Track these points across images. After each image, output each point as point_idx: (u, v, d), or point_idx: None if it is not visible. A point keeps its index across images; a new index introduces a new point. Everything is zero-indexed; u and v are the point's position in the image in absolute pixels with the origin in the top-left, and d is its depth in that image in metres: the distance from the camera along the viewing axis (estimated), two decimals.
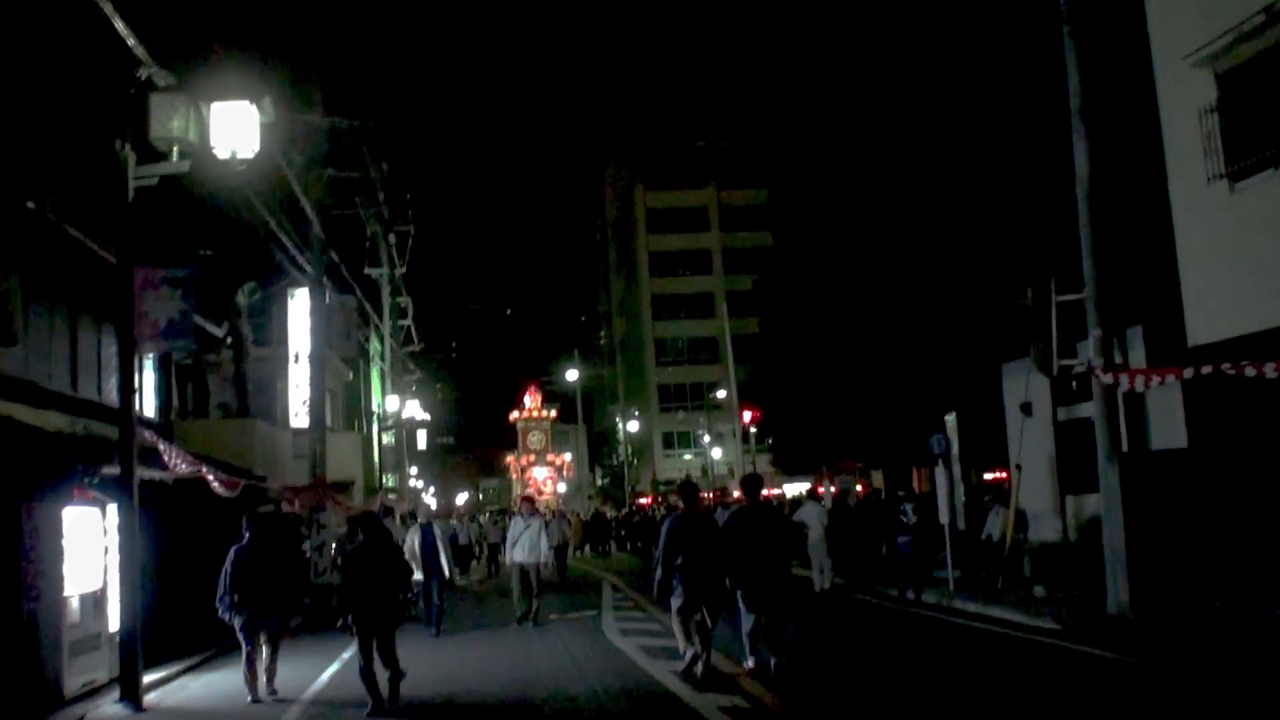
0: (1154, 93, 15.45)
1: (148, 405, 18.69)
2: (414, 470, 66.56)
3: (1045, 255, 18.30)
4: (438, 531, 17.72)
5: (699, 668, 11.35)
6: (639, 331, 78.42)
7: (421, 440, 67.77)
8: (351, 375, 42.58)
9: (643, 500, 61.52)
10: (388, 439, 41.61)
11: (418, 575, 16.65)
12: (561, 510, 50.26)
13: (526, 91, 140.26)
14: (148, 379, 18.57)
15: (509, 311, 71.31)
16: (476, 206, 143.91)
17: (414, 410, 44.51)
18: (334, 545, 22.22)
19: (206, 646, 15.68)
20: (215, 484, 14.58)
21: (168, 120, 11.82)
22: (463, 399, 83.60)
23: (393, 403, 39.77)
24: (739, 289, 59.36)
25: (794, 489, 53.78)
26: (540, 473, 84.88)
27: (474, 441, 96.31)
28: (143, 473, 13.30)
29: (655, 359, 77.39)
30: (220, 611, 12.13)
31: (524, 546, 17.68)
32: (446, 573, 17.76)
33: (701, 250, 77.59)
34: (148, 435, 12.87)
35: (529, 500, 19.94)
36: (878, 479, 36.25)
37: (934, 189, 26.00)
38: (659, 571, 11.60)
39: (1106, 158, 15.24)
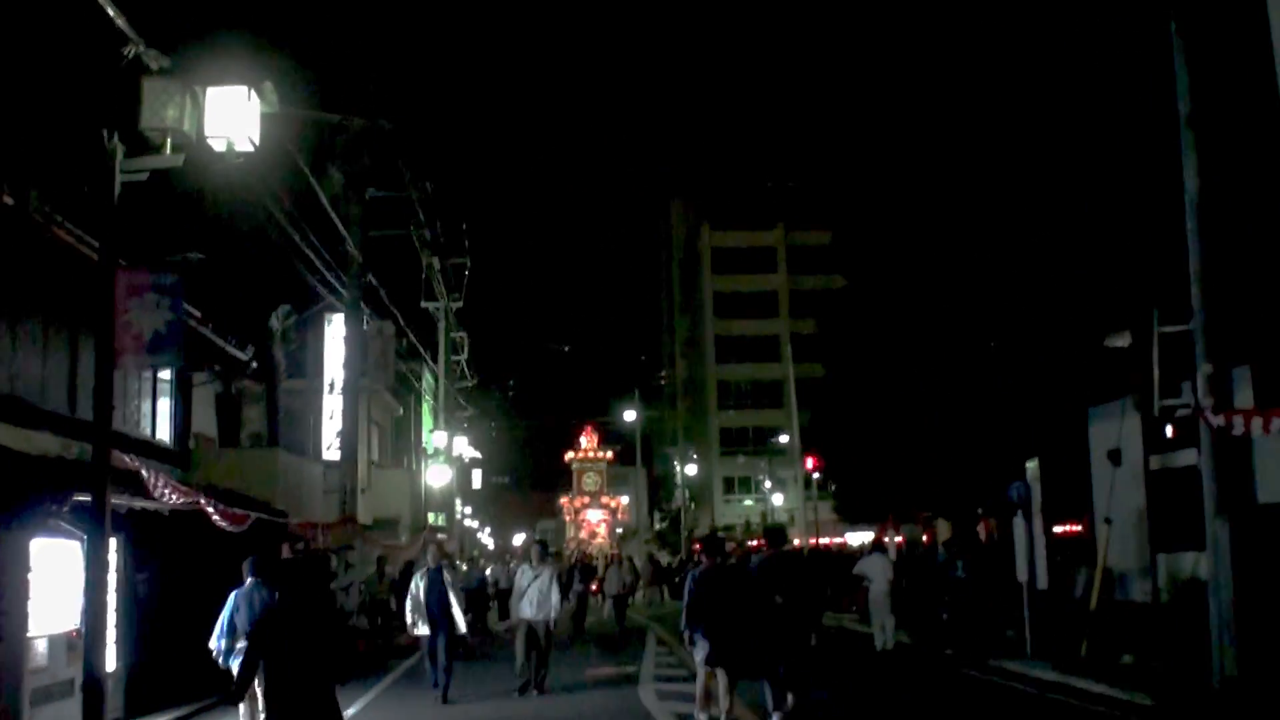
0: (1274, 97, 13.78)
1: (162, 431, 17.51)
2: (468, 510, 65.67)
3: (1141, 287, 16.62)
4: (448, 578, 15.23)
5: None
6: (702, 373, 77.04)
7: (476, 480, 66.88)
8: (401, 411, 41.58)
9: (695, 546, 59.76)
10: (435, 477, 40.30)
11: (423, 630, 15.04)
12: (618, 554, 48.70)
13: (594, 127, 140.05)
14: (162, 404, 17.39)
15: (567, 349, 70.03)
16: (539, 243, 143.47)
17: (463, 447, 43.11)
18: (362, 586, 21.01)
19: (207, 693, 14.35)
20: (216, 517, 13.28)
21: (161, 108, 10.59)
22: (520, 439, 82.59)
23: (440, 438, 38.50)
24: (805, 332, 58.19)
25: (857, 538, 51.96)
26: (594, 515, 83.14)
27: (532, 482, 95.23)
28: (129, 502, 12.08)
29: (718, 402, 75.92)
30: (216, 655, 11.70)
31: (531, 600, 14.86)
32: (460, 626, 15.23)
33: (768, 292, 76.13)
34: (129, 459, 11.56)
35: (541, 545, 16.18)
36: (944, 529, 34.46)
37: (1013, 218, 24.31)
38: (684, 624, 11.63)
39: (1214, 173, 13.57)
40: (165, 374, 17.60)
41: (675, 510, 69.64)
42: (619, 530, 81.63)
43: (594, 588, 31.74)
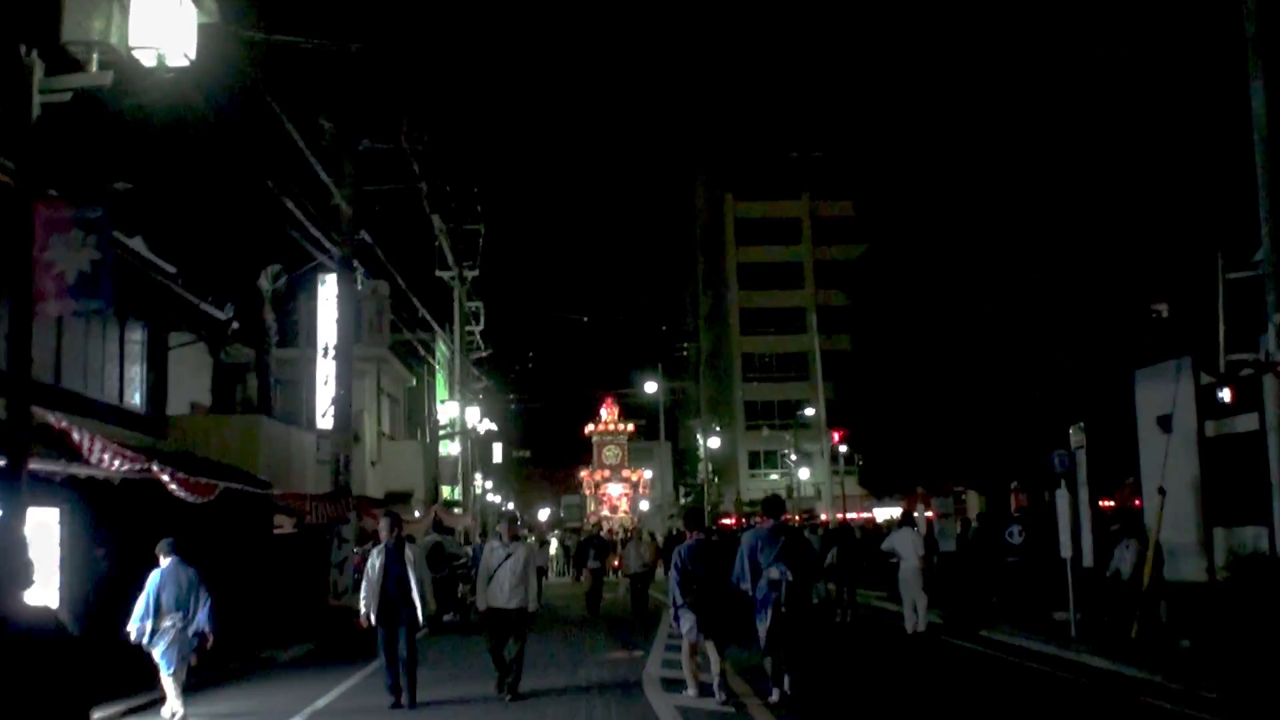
0: None
1: (134, 397, 16.23)
2: (489, 484, 64.58)
3: (1197, 234, 15.11)
4: (410, 556, 11.99)
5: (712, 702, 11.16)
6: (726, 346, 75.65)
7: (497, 453, 65.73)
8: (414, 382, 40.37)
9: (726, 520, 58.36)
10: (446, 449, 39.07)
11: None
12: (637, 528, 47.36)
13: (617, 97, 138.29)
14: (132, 367, 16.10)
15: (586, 319, 68.66)
16: (560, 214, 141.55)
17: (476, 419, 41.86)
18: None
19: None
20: (173, 486, 12.01)
21: (85, 19, 9.27)
22: (542, 412, 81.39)
23: (451, 409, 37.24)
24: (831, 304, 57.05)
25: (884, 513, 50.61)
26: (615, 489, 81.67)
27: (555, 455, 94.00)
28: (64, 468, 10.78)
29: (742, 374, 74.59)
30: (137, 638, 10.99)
31: (502, 584, 11.93)
32: (420, 614, 12.00)
33: (793, 263, 74.78)
34: (54, 418, 10.25)
35: (511, 522, 12.98)
36: (974, 502, 33.08)
37: (1049, 166, 22.74)
38: (678, 598, 11.55)
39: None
40: (136, 335, 16.34)
41: (700, 485, 68.37)
42: (643, 505, 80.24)
43: (616, 564, 30.24)
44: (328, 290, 21.40)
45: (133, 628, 11.00)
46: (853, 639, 18.24)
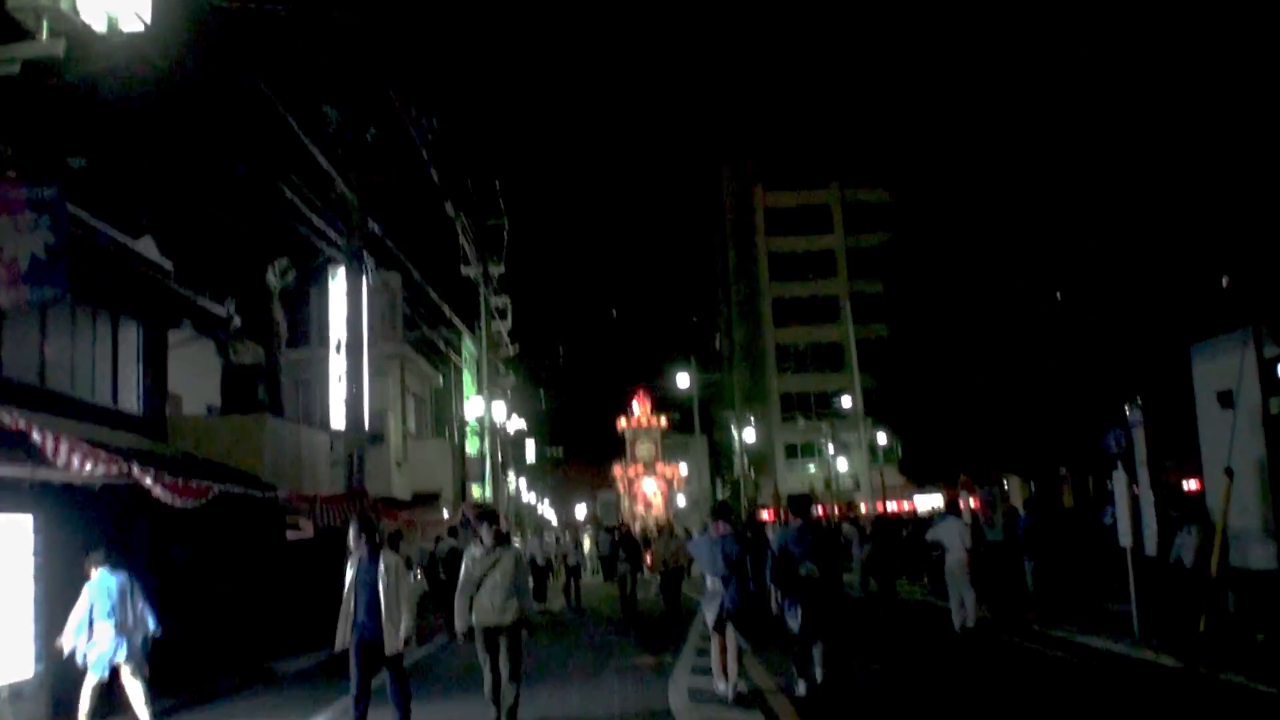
0: None
1: (129, 398, 15.40)
2: (522, 482, 63.81)
3: (1260, 200, 13.98)
4: (383, 566, 9.87)
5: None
6: (760, 337, 74.65)
7: (530, 452, 64.97)
8: (441, 382, 39.62)
9: (765, 514, 57.28)
10: (473, 447, 38.26)
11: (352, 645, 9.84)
12: (668, 524, 46.25)
13: (644, 87, 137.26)
14: (127, 367, 15.25)
15: (615, 313, 67.78)
16: (589, 208, 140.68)
17: (503, 415, 41.02)
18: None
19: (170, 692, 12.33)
20: (158, 489, 11.12)
21: None
22: (576, 408, 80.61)
23: (477, 407, 36.41)
24: (864, 291, 56.10)
25: (926, 502, 49.45)
26: (649, 485, 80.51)
27: (591, 451, 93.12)
28: (29, 474, 9.94)
29: (777, 366, 73.57)
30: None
31: (488, 596, 9.84)
32: (402, 633, 9.88)
33: (825, 251, 73.78)
34: (10, 416, 9.38)
35: (484, 516, 10.51)
36: (1016, 489, 31.95)
37: (1091, 132, 21.56)
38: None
39: None
40: (131, 334, 15.52)
41: (737, 479, 67.37)
42: (679, 500, 79.12)
43: (649, 562, 29.08)
44: (339, 284, 20.50)
45: (67, 644, 10.57)
46: (896, 635, 17.24)
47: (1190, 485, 18.13)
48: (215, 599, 14.94)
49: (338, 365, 20.66)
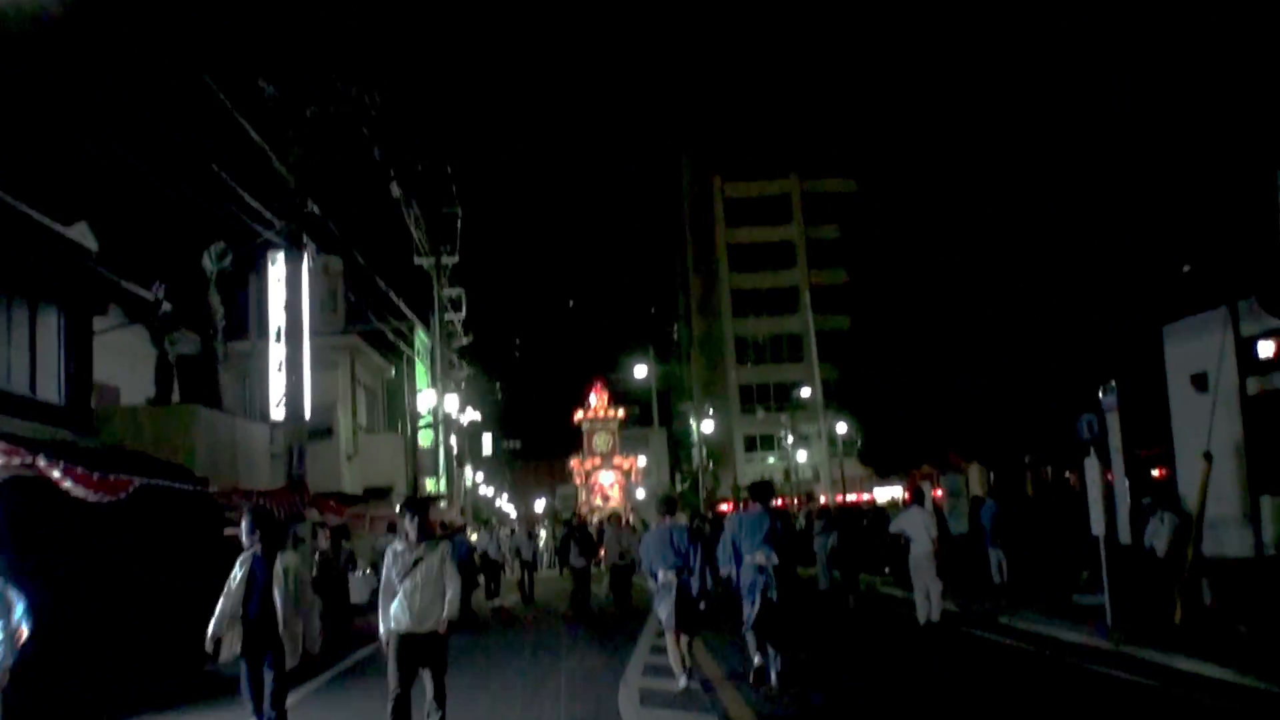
0: None
1: (48, 387, 14.49)
2: (479, 476, 62.95)
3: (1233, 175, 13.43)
4: (288, 564, 9.17)
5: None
6: (718, 328, 74.22)
7: (486, 445, 64.09)
8: (394, 373, 38.76)
9: (723, 507, 56.76)
10: (426, 440, 37.40)
11: (232, 651, 8.93)
12: (617, 516, 45.57)
13: (601, 75, 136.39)
14: (47, 352, 14.34)
15: (571, 304, 67.09)
16: (545, 199, 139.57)
17: (457, 408, 40.22)
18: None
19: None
20: (68, 483, 10.31)
21: None
22: (533, 401, 79.79)
23: (429, 399, 35.59)
24: (824, 283, 55.71)
25: (886, 493, 49.07)
26: (606, 477, 79.71)
27: (549, 445, 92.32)
28: None
29: (736, 357, 73.12)
30: None
31: (406, 599, 8.57)
32: (297, 641, 9.10)
33: (784, 242, 73.34)
34: None
35: (409, 506, 9.19)
36: (976, 478, 31.50)
37: (1056, 111, 20.99)
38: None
39: None
40: (50, 320, 14.62)
41: (695, 471, 66.90)
42: (638, 493, 78.46)
43: (600, 557, 28.29)
44: (278, 270, 19.63)
45: None
46: (860, 629, 16.64)
47: (1154, 473, 17.58)
48: (146, 599, 14.07)
49: (277, 354, 19.79)
